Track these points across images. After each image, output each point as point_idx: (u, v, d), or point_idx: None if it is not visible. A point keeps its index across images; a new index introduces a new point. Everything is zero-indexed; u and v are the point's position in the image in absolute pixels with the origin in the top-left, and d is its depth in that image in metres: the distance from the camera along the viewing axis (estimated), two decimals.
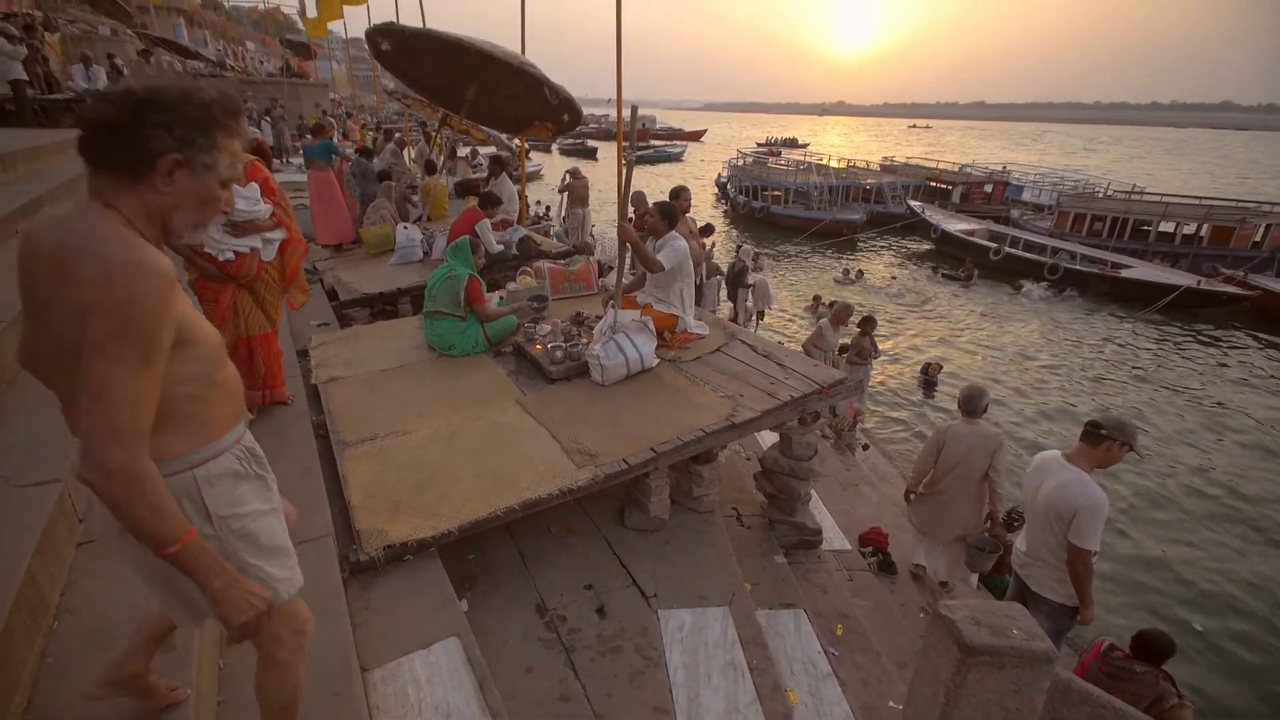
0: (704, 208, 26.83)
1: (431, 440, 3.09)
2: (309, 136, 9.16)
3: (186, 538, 1.06)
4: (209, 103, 1.09)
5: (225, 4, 37.72)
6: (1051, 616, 3.01)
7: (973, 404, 4.00)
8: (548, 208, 16.64)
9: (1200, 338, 12.71)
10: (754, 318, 9.88)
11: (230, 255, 2.79)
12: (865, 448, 7.00)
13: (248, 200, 2.79)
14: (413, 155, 13.58)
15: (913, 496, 4.31)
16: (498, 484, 2.74)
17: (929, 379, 9.53)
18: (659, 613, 2.72)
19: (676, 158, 48.38)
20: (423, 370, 3.91)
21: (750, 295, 9.45)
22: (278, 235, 2.97)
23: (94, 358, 0.99)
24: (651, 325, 3.79)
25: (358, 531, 2.49)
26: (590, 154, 42.71)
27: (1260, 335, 12.92)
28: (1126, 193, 20.34)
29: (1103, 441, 2.84)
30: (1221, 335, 12.91)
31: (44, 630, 1.66)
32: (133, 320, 1.00)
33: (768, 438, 4.66)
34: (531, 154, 23.20)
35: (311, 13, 14.49)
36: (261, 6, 31.91)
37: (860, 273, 16.09)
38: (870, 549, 4.41)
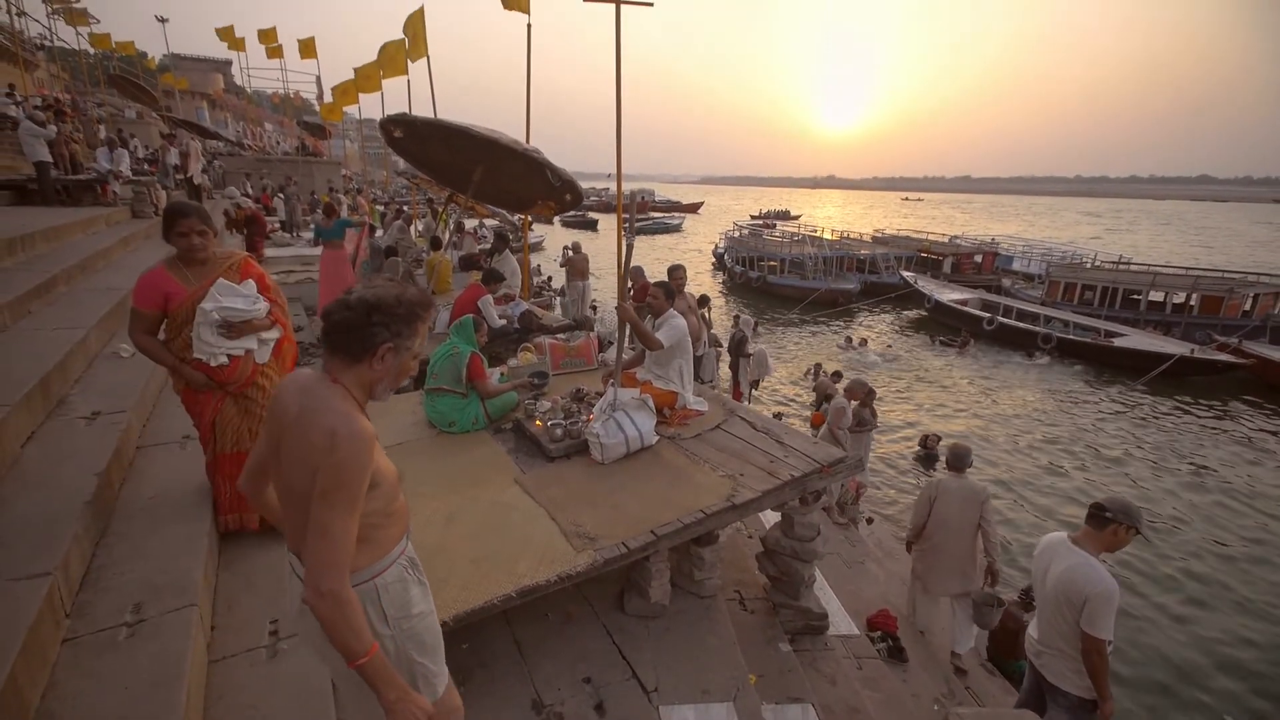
0: (702, 277, 27.44)
1: (430, 522, 3.05)
2: (319, 213, 9.50)
3: (371, 652, 1.30)
4: (414, 302, 1.44)
5: (247, 89, 39.87)
6: (1071, 711, 2.88)
7: (961, 460, 4.44)
8: (549, 277, 17.04)
9: (1199, 406, 12.71)
10: (750, 387, 9.92)
11: (224, 359, 2.50)
12: (869, 521, 6.89)
13: (245, 298, 2.51)
14: (419, 229, 14.01)
15: (912, 549, 4.65)
16: (495, 570, 2.68)
17: (929, 451, 9.46)
18: (660, 709, 2.60)
19: (675, 229, 49.86)
20: (422, 448, 3.90)
21: (749, 364, 9.54)
22: (274, 334, 2.68)
23: (319, 505, 1.28)
24: (651, 403, 3.81)
25: None
26: (591, 225, 44.06)
27: (1257, 402, 12.94)
28: (1114, 263, 20.86)
29: (1108, 525, 2.80)
30: (1222, 404, 12.92)
31: None
32: (347, 478, 1.29)
33: (770, 514, 4.60)
34: (534, 226, 23.95)
35: (328, 98, 15.31)
36: (282, 91, 33.73)
37: (864, 340, 16.28)
38: (879, 633, 4.25)
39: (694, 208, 71.05)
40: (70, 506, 2.29)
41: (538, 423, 3.91)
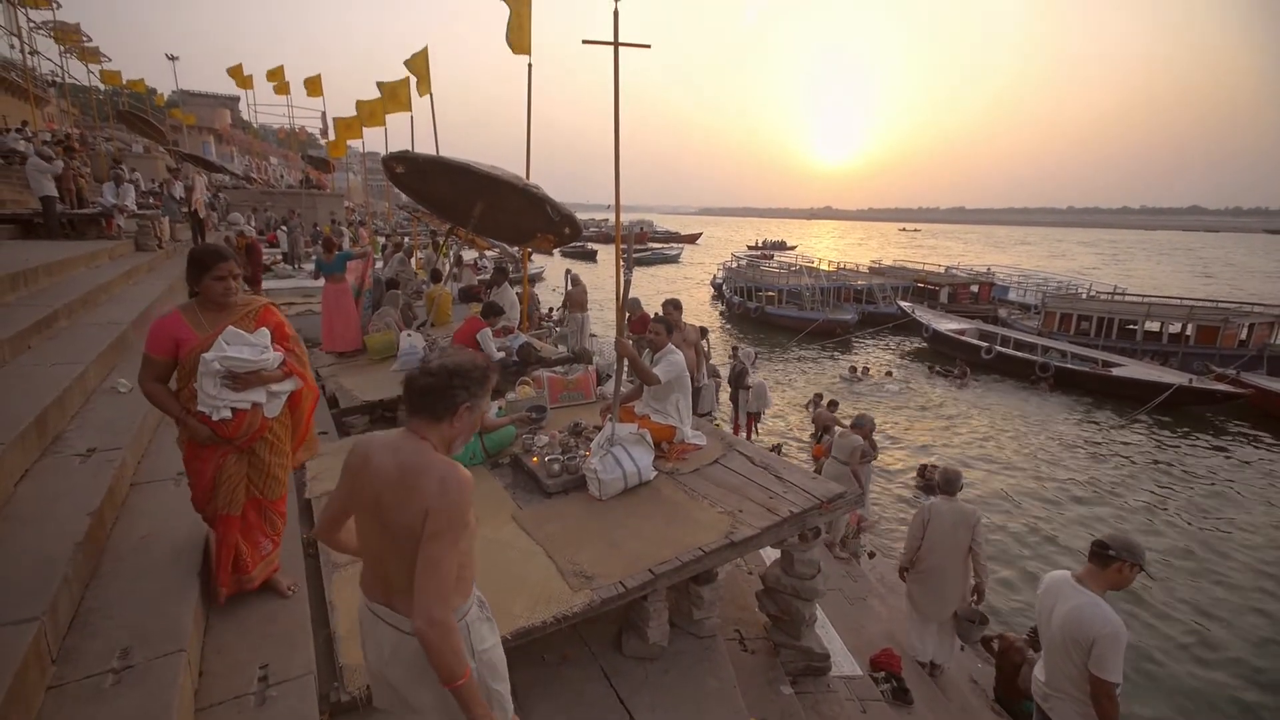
0: (701, 308, 27.59)
1: None
2: (319, 246, 9.59)
3: (466, 675, 1.47)
4: (485, 367, 1.65)
5: (253, 124, 40.65)
6: None
7: (952, 484, 4.59)
8: (550, 309, 17.13)
9: (1200, 436, 12.66)
10: (751, 420, 9.89)
11: (227, 413, 2.30)
12: (871, 555, 6.81)
13: (253, 348, 2.34)
14: (419, 257, 14.13)
15: (907, 575, 4.70)
16: (491, 610, 2.64)
17: (928, 481, 9.40)
18: None
19: (674, 259, 50.29)
20: None
21: (748, 397, 9.53)
22: (286, 387, 2.48)
23: (431, 543, 1.45)
24: (649, 438, 3.79)
25: (341, 667, 2.36)
26: (590, 256, 44.43)
27: (1257, 433, 12.89)
28: (1109, 294, 21.02)
29: (1112, 563, 2.76)
30: (1222, 434, 12.87)
31: None
32: (456, 517, 1.48)
33: (770, 549, 4.54)
34: (534, 257, 24.17)
35: (333, 135, 15.60)
36: (288, 126, 34.39)
37: (866, 369, 16.30)
38: (883, 674, 4.16)
39: (693, 238, 71.83)
40: (61, 547, 2.26)
41: (534, 459, 3.89)
